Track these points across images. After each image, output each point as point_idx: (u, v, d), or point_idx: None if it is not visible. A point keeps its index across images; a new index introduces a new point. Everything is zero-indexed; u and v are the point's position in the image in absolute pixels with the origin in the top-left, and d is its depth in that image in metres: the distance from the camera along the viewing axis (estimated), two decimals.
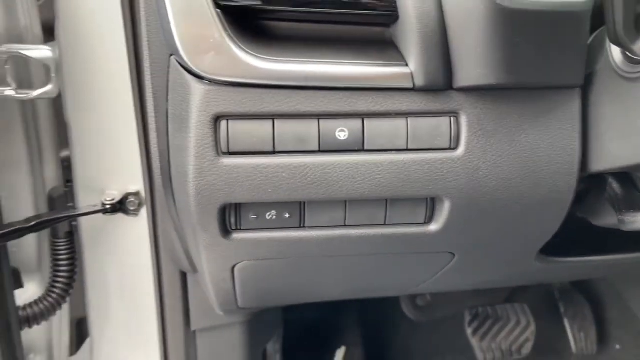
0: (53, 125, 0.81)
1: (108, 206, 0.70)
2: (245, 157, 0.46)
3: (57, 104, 0.74)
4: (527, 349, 1.18)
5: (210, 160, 0.46)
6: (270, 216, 0.50)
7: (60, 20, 0.61)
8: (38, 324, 0.82)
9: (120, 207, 0.71)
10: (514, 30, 0.42)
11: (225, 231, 0.50)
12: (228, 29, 0.44)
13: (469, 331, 1.20)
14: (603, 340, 1.28)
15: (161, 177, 0.53)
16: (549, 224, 0.54)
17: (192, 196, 0.47)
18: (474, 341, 1.19)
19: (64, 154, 0.82)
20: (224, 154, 0.46)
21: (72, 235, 0.79)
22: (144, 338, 0.83)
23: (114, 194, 0.71)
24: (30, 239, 0.81)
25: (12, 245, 0.75)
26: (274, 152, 0.47)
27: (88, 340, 0.90)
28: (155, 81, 0.50)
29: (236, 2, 0.45)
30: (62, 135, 0.78)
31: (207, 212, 0.48)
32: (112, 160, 0.70)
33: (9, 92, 0.70)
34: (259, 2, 0.46)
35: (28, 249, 0.85)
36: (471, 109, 0.48)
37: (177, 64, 0.46)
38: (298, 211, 0.50)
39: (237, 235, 0.51)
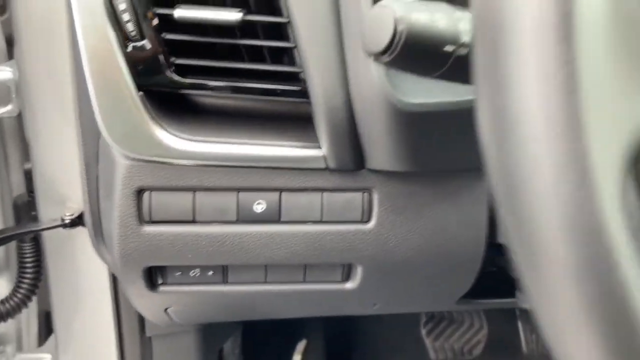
0: (18, 138, 0.84)
1: (67, 221, 0.74)
2: (167, 225, 0.50)
3: (21, 118, 0.77)
4: (478, 350, 1.24)
5: (133, 228, 0.50)
6: (194, 273, 0.54)
7: (17, 42, 0.64)
8: (5, 321, 0.88)
9: (79, 221, 0.75)
10: (413, 126, 0.45)
11: (152, 286, 0.55)
12: (150, 110, 0.47)
13: (423, 332, 1.27)
14: None
15: (93, 232, 0.56)
16: (461, 284, 0.58)
17: (117, 258, 0.51)
18: (428, 341, 1.26)
19: (27, 166, 0.86)
20: (147, 222, 0.50)
21: (37, 240, 0.84)
22: (103, 343, 0.89)
23: (74, 208, 0.75)
24: None
25: None
26: (194, 222, 0.50)
27: (52, 336, 0.97)
28: (87, 148, 0.53)
29: (157, 87, 0.47)
30: (26, 147, 0.81)
31: (132, 271, 0.52)
32: (71, 174, 0.73)
33: None
34: (182, 82, 0.48)
35: None
36: (383, 186, 0.51)
37: None
38: (221, 270, 0.54)
39: (163, 289, 0.55)
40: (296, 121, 0.51)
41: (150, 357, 0.91)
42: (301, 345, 1.33)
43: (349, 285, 0.56)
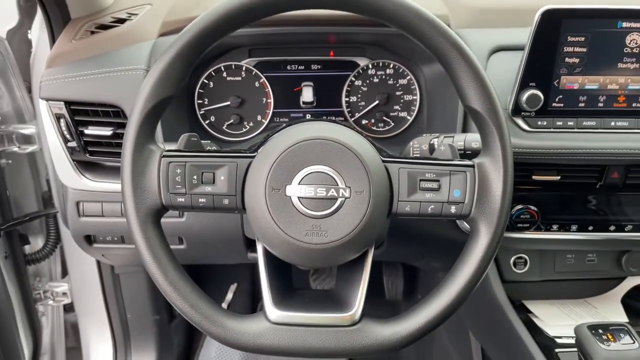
0: (42, 162, 1.50)
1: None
2: (91, 217, 1.12)
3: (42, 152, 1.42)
4: None
5: (76, 218, 1.12)
6: (109, 238, 1.17)
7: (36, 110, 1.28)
8: (39, 262, 1.55)
9: None
10: None
11: (90, 243, 1.17)
12: (79, 168, 1.09)
13: (311, 279, 1.85)
14: (410, 291, 1.89)
15: (62, 219, 1.20)
16: (238, 252, 1.18)
17: (71, 231, 1.14)
18: (312, 283, 1.83)
19: (47, 177, 1.51)
20: (82, 216, 1.12)
21: (56, 217, 1.49)
22: (92, 278, 1.52)
23: None
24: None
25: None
26: (102, 216, 1.13)
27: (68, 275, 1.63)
28: (57, 183, 1.16)
29: (82, 159, 1.09)
30: (45, 167, 1.46)
31: (78, 237, 1.15)
32: None
33: (15, 148, 1.39)
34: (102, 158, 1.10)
35: (34, 223, 1.56)
36: None
37: None
38: (120, 238, 1.16)
39: (95, 245, 1.18)
40: None
41: (119, 287, 1.55)
42: (233, 287, 1.92)
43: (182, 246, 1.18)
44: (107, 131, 1.03)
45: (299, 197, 0.71)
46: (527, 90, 1.00)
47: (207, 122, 1.16)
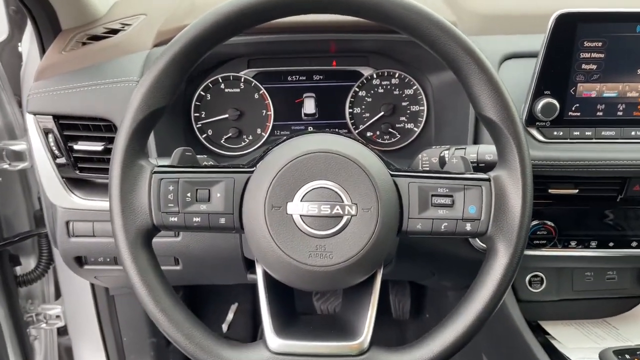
0: (34, 180, 1.44)
1: None
2: (82, 237, 1.07)
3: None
4: None
5: (65, 239, 1.06)
6: (101, 259, 1.11)
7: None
8: (31, 284, 1.48)
9: None
10: None
11: (80, 265, 1.12)
12: (68, 186, 1.03)
13: (315, 300, 1.78)
14: (417, 310, 1.82)
15: (52, 239, 1.14)
16: (238, 272, 1.11)
17: (60, 252, 1.08)
18: (316, 303, 1.77)
19: (39, 195, 1.45)
20: (72, 236, 1.07)
21: (47, 237, 1.43)
22: (86, 300, 1.46)
23: None
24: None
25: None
26: (94, 236, 1.07)
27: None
28: (46, 202, 1.10)
29: (72, 176, 1.04)
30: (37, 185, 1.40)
31: (68, 258, 1.09)
32: None
33: (5, 165, 1.33)
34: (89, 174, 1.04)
35: (25, 243, 1.50)
36: None
37: None
38: (113, 259, 1.10)
39: (86, 267, 1.12)
40: None
41: (114, 309, 1.49)
42: (233, 307, 1.84)
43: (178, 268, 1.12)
44: (97, 146, 0.98)
45: (301, 215, 0.67)
46: (541, 99, 0.94)
47: (204, 136, 1.11)
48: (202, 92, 1.09)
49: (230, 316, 1.79)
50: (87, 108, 0.97)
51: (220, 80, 1.09)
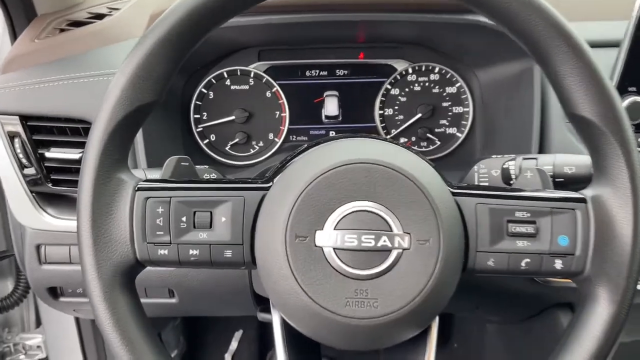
0: None
1: None
2: (56, 265, 0.88)
3: None
4: None
5: (36, 266, 0.88)
6: (79, 290, 0.92)
7: None
8: (7, 311, 1.30)
9: None
10: None
11: (55, 297, 0.93)
12: (39, 202, 0.85)
13: None
14: (444, 339, 1.64)
15: (20, 265, 0.96)
16: (245, 304, 0.93)
17: (30, 282, 0.90)
18: None
19: None
20: (44, 262, 0.88)
21: None
22: (69, 330, 1.28)
23: None
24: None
25: None
26: (70, 263, 0.88)
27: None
28: (14, 222, 0.91)
29: (43, 191, 0.85)
30: None
31: (40, 289, 0.91)
32: None
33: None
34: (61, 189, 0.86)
35: (2, 264, 1.32)
36: None
37: None
38: None
39: (62, 299, 0.93)
40: None
41: (101, 340, 1.31)
42: (238, 334, 1.68)
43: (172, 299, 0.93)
44: (74, 154, 0.81)
45: (334, 249, 0.52)
46: (626, 96, 0.76)
47: (205, 141, 0.97)
48: (203, 90, 0.96)
49: (234, 345, 1.66)
50: (62, 107, 0.82)
51: (226, 76, 0.96)
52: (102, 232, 0.54)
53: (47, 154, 0.83)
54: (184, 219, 0.55)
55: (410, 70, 0.97)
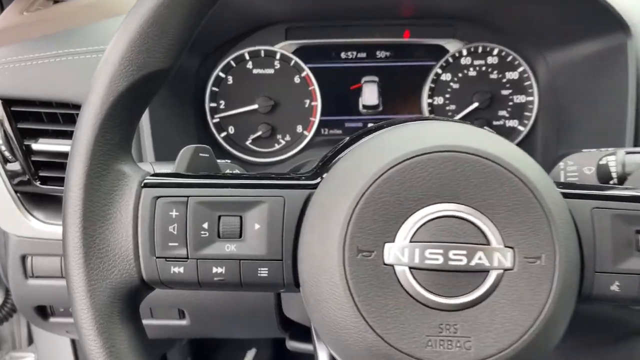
0: None
1: None
2: (44, 279, 0.74)
3: None
4: None
5: (21, 281, 0.74)
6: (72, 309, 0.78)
7: None
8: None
9: None
10: None
11: (44, 317, 0.79)
12: (25, 204, 0.71)
13: None
14: None
15: (4, 279, 0.82)
16: (267, 326, 0.78)
17: (14, 300, 0.76)
18: None
19: None
20: (30, 277, 0.74)
21: None
22: (65, 349, 1.15)
23: None
24: None
25: None
26: (62, 277, 0.74)
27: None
28: None
29: (30, 191, 0.71)
30: None
31: (26, 308, 0.77)
32: None
33: None
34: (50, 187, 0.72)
35: None
36: None
37: None
38: None
39: (53, 319, 0.79)
40: None
41: None
42: (250, 354, 1.54)
43: (184, 322, 0.78)
44: (67, 146, 0.68)
45: (411, 268, 0.39)
46: None
47: (223, 135, 0.85)
48: (221, 74, 0.84)
49: None
50: (54, 89, 0.69)
51: (247, 57, 0.84)
52: (95, 242, 0.42)
53: (35, 146, 0.70)
54: (205, 225, 0.43)
55: (464, 52, 0.85)
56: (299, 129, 0.85)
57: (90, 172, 0.41)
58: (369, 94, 0.84)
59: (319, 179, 0.44)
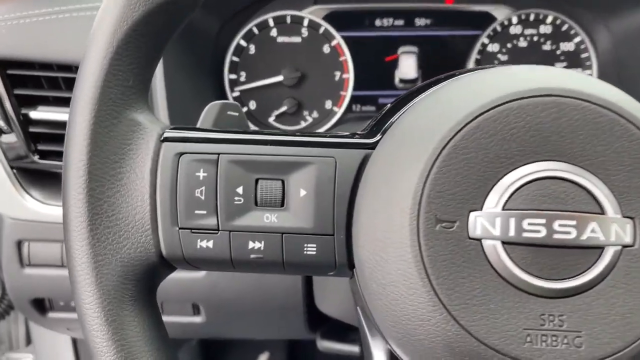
0: None
1: None
2: (43, 268, 0.66)
3: None
4: None
5: (16, 270, 0.66)
6: (73, 303, 0.70)
7: None
8: None
9: None
10: None
11: (42, 312, 0.71)
12: (21, 182, 0.63)
13: None
14: None
15: None
16: (292, 325, 0.70)
17: (8, 291, 0.67)
18: None
19: None
20: (27, 265, 0.66)
21: None
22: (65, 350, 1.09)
23: None
24: None
25: None
26: (62, 266, 0.66)
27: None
28: None
29: (27, 166, 0.63)
30: None
31: (22, 301, 0.68)
32: None
33: None
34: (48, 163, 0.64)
35: None
36: None
37: None
38: None
39: (51, 315, 0.71)
40: None
41: None
42: (263, 357, 1.46)
43: (198, 319, 0.70)
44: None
45: (504, 243, 0.31)
46: None
47: (244, 110, 0.78)
48: (242, 42, 0.77)
49: None
50: (54, 49, 0.61)
51: (272, 24, 0.77)
52: (103, 208, 0.34)
53: (33, 115, 0.62)
54: (239, 190, 0.35)
55: (514, 20, 0.78)
56: (328, 104, 0.78)
57: (97, 119, 0.33)
58: (407, 67, 0.77)
59: (378, 136, 0.36)
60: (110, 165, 0.34)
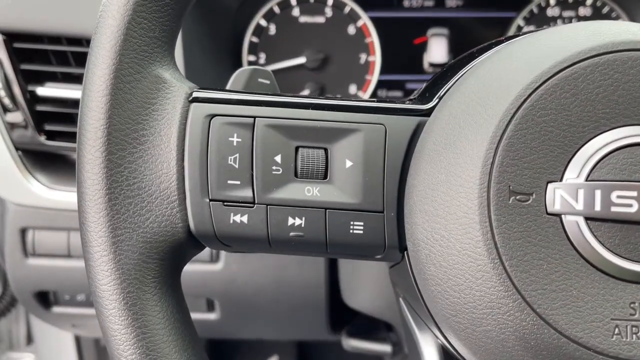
0: None
1: None
2: (48, 258, 0.62)
3: None
4: None
5: (19, 259, 0.62)
6: (80, 297, 0.65)
7: None
8: None
9: None
10: None
11: (46, 305, 0.66)
12: (27, 165, 0.59)
13: None
14: None
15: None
16: (312, 324, 0.65)
17: (11, 283, 0.63)
18: None
19: None
20: (31, 255, 0.61)
21: None
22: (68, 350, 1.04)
23: None
24: None
25: None
26: (69, 256, 0.61)
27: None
28: None
29: (33, 147, 0.59)
30: None
31: (25, 294, 0.64)
32: None
33: None
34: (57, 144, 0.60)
35: None
36: None
37: None
38: None
39: (56, 309, 0.67)
40: None
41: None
42: None
43: (213, 315, 0.66)
44: (79, 91, 0.54)
45: (588, 219, 0.27)
46: None
47: None
48: (262, 22, 0.73)
49: None
50: (64, 21, 0.57)
51: (294, 3, 0.73)
52: (124, 175, 0.30)
53: (41, 92, 0.58)
54: (278, 158, 0.32)
55: (552, 2, 0.73)
56: (353, 89, 0.73)
57: (118, 73, 0.29)
58: (437, 50, 0.73)
59: (434, 101, 0.32)
60: (132, 126, 0.30)
